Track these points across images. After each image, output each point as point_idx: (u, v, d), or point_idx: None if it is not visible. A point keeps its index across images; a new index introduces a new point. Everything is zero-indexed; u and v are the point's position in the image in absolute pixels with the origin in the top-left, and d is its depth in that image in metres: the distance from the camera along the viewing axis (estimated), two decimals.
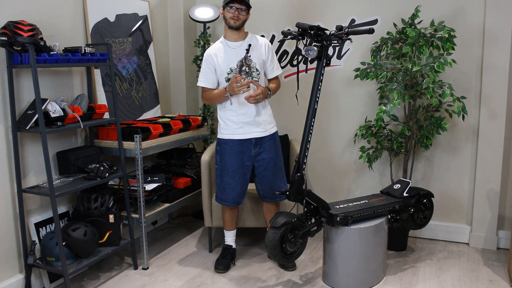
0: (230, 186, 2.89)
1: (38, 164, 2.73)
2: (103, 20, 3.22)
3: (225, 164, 2.86)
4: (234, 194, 2.90)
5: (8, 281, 2.61)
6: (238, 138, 2.83)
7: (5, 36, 2.36)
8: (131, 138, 2.93)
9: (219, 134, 2.91)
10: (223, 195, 2.92)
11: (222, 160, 2.88)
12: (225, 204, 2.94)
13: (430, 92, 2.78)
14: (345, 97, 3.59)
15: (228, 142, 2.85)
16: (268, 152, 2.87)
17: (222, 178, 2.90)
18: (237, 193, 2.91)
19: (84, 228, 2.66)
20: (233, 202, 2.93)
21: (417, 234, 3.50)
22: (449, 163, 3.37)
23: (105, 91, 3.19)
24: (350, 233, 2.65)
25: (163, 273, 3.01)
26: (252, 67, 2.81)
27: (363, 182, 3.65)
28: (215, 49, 2.83)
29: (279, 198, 2.94)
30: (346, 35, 2.50)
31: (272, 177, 2.90)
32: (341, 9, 3.52)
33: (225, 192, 2.91)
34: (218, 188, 2.95)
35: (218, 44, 2.85)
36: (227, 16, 2.75)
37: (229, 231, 3.09)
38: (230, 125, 2.84)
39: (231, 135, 2.84)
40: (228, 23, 2.76)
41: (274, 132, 2.93)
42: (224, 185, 2.90)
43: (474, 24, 3.17)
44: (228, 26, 2.78)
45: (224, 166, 2.87)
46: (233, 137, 2.84)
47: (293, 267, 3.00)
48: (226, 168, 2.86)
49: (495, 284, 2.76)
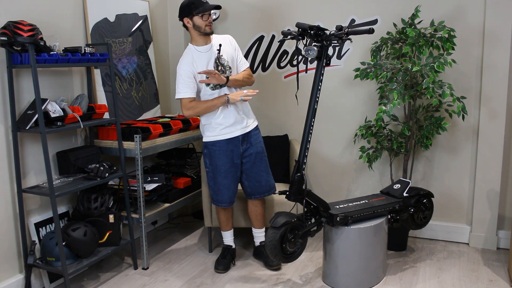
0: (225, 187, 2.88)
1: (38, 164, 2.73)
2: (103, 20, 3.22)
3: (216, 166, 2.86)
4: (229, 193, 2.91)
5: (8, 281, 2.61)
6: (225, 138, 2.82)
7: (5, 36, 2.36)
8: (131, 138, 2.93)
9: (204, 137, 2.88)
10: (219, 197, 2.92)
11: (212, 162, 2.87)
12: (222, 205, 2.94)
13: (430, 92, 2.77)
14: (345, 97, 3.59)
15: (216, 144, 2.84)
16: (255, 147, 2.89)
17: (215, 180, 2.89)
18: (232, 192, 2.92)
19: (84, 228, 2.66)
20: (229, 202, 2.94)
21: (417, 234, 3.50)
22: (449, 163, 3.37)
23: (105, 91, 3.19)
24: (350, 233, 2.65)
25: (163, 273, 3.01)
26: (226, 66, 2.82)
27: (363, 182, 3.65)
28: (189, 59, 2.75)
29: (267, 193, 2.97)
30: (346, 35, 2.50)
31: (259, 172, 2.91)
32: (341, 9, 3.51)
33: (220, 193, 2.90)
34: (213, 191, 2.94)
35: (188, 54, 2.77)
36: (200, 24, 2.68)
37: (227, 231, 3.09)
38: (215, 127, 2.82)
39: (217, 136, 2.83)
40: (204, 31, 2.70)
41: (256, 126, 2.96)
42: (219, 186, 2.89)
43: (474, 24, 3.16)
44: (204, 33, 2.72)
45: (215, 168, 2.86)
46: (220, 137, 2.82)
47: (278, 266, 3.02)
48: (218, 169, 2.86)
49: (495, 284, 2.76)
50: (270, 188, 2.97)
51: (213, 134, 2.83)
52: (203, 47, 2.78)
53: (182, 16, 2.72)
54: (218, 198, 2.93)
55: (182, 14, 2.71)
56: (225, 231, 3.09)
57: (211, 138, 2.85)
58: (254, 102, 3.38)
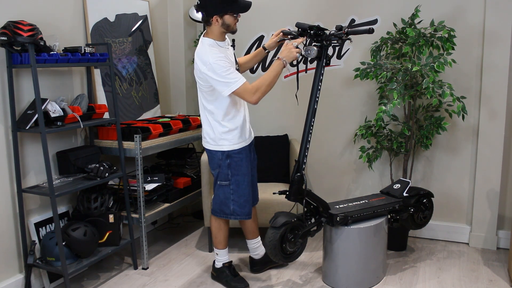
0: (250, 197, 2.68)
1: (38, 164, 2.73)
2: (103, 20, 3.22)
3: (244, 175, 2.62)
4: (251, 203, 2.73)
5: (8, 281, 2.61)
6: (248, 144, 2.66)
7: (5, 36, 2.36)
8: (131, 138, 2.93)
9: (228, 146, 2.57)
10: (246, 209, 2.66)
11: (237, 173, 2.60)
12: (248, 217, 2.70)
13: (430, 92, 2.78)
14: (345, 97, 3.59)
15: (242, 151, 2.60)
16: (254, 152, 2.82)
17: (239, 192, 2.63)
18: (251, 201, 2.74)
19: (84, 228, 2.66)
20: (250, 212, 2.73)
21: (417, 234, 3.50)
22: (449, 163, 3.37)
23: (105, 91, 3.19)
24: (350, 233, 2.65)
25: (163, 273, 3.01)
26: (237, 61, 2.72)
27: (363, 182, 3.65)
28: (220, 52, 2.47)
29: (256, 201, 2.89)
30: (346, 35, 2.50)
31: (255, 180, 2.85)
32: (341, 9, 3.52)
33: (247, 205, 2.66)
34: (238, 205, 2.64)
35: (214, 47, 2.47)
36: (231, 22, 2.46)
37: (225, 249, 2.83)
38: (241, 132, 2.59)
39: (243, 143, 2.61)
40: (232, 29, 2.50)
41: None
42: (246, 197, 2.65)
43: (474, 24, 3.16)
44: (231, 31, 2.51)
45: (242, 177, 2.61)
46: (245, 144, 2.63)
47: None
48: (246, 179, 2.63)
49: (495, 284, 2.76)
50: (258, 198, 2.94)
51: (240, 140, 2.59)
52: (223, 42, 2.58)
53: (214, 14, 2.41)
54: (245, 211, 2.66)
55: (216, 11, 2.41)
56: (223, 248, 2.82)
57: (237, 145, 2.58)
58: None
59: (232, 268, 2.85)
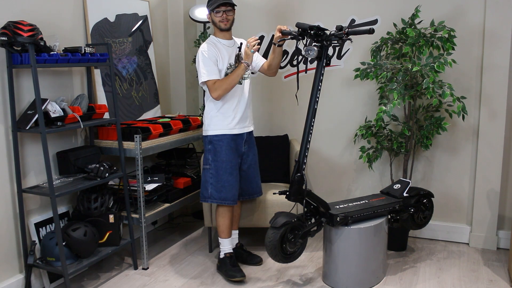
0: (230, 184, 2.81)
1: (38, 164, 2.73)
2: (103, 20, 3.22)
3: (222, 162, 2.79)
4: (234, 191, 2.84)
5: (8, 281, 2.61)
6: (232, 133, 2.80)
7: (5, 36, 2.36)
8: (131, 138, 2.93)
9: (211, 130, 2.80)
10: (222, 194, 2.81)
11: (217, 158, 2.79)
12: (226, 203, 2.82)
13: (430, 92, 2.77)
14: (345, 97, 3.59)
15: (222, 139, 2.78)
16: (252, 149, 2.93)
17: (218, 177, 2.80)
18: (236, 190, 2.85)
19: (84, 228, 2.66)
20: (233, 200, 2.84)
21: (417, 234, 3.50)
22: (449, 163, 3.37)
23: (105, 91, 3.19)
24: (350, 233, 2.65)
25: (163, 273, 3.01)
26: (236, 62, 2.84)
27: (363, 182, 3.65)
28: (214, 45, 2.77)
29: (257, 195, 3.02)
30: (346, 35, 2.50)
31: (253, 174, 2.95)
32: (341, 9, 3.52)
33: (224, 190, 2.81)
34: (215, 188, 2.82)
35: (211, 42, 2.79)
36: (215, 20, 2.75)
37: (227, 238, 2.94)
38: (226, 117, 2.78)
39: (226, 130, 2.78)
40: (219, 26, 2.76)
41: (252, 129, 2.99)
42: (223, 183, 2.80)
43: (474, 24, 3.16)
44: (220, 29, 2.77)
45: (221, 164, 2.79)
46: (228, 132, 2.78)
47: (260, 262, 3.07)
48: (224, 165, 2.79)
49: (495, 284, 2.76)
50: (260, 190, 3.04)
51: (221, 127, 2.78)
52: (227, 41, 2.82)
53: (208, 13, 2.79)
54: (221, 196, 2.82)
55: (208, 11, 2.78)
56: (226, 237, 2.93)
57: (217, 131, 2.78)
58: (254, 102, 3.37)
59: (233, 259, 2.93)
